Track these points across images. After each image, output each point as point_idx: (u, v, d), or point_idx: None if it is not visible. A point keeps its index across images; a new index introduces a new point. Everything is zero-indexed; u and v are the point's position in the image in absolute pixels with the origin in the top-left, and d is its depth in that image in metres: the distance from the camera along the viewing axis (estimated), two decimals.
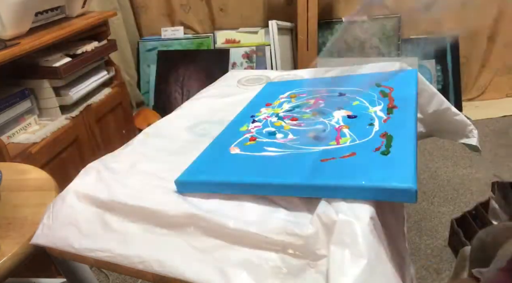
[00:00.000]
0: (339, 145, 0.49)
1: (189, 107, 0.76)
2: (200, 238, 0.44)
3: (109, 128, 1.58)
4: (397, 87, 0.61)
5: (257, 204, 0.46)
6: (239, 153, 0.53)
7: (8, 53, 1.05)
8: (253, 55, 2.22)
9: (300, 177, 0.43)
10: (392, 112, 0.54)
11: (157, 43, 2.31)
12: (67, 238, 0.49)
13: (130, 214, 0.48)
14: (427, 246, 1.35)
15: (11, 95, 1.18)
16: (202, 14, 2.30)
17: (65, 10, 1.45)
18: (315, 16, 1.94)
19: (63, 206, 0.52)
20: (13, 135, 1.19)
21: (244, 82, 0.89)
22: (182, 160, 0.56)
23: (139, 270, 0.44)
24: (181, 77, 2.26)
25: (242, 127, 0.61)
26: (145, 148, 0.62)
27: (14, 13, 1.13)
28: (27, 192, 0.68)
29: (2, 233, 0.58)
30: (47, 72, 1.25)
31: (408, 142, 0.46)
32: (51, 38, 1.21)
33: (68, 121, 1.31)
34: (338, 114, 0.57)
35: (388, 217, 0.44)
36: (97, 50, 1.47)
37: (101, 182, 0.52)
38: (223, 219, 0.42)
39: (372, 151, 0.45)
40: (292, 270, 0.39)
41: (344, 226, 0.37)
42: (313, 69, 0.88)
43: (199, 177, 0.48)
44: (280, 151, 0.51)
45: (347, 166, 0.43)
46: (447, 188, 1.59)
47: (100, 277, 1.33)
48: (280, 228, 0.40)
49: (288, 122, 0.59)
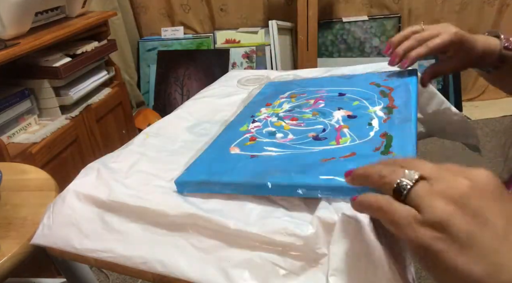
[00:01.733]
0: (339, 145, 0.49)
1: (189, 107, 0.76)
2: (201, 238, 0.44)
3: (109, 128, 1.58)
4: (397, 87, 0.61)
5: (257, 205, 0.46)
6: (239, 153, 0.53)
7: (8, 53, 1.05)
8: (253, 55, 2.22)
9: (299, 177, 0.43)
10: (392, 112, 0.54)
11: (157, 43, 2.31)
12: (67, 238, 0.49)
13: (131, 214, 0.48)
14: None
15: (11, 95, 1.18)
16: (202, 14, 2.30)
17: (65, 10, 1.45)
18: (315, 16, 1.94)
19: (63, 206, 0.52)
20: (13, 135, 1.19)
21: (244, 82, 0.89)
22: (182, 160, 0.56)
23: (140, 270, 0.44)
24: (181, 77, 2.26)
25: (242, 127, 0.61)
26: (145, 148, 0.62)
27: (14, 13, 1.13)
28: (27, 192, 0.68)
29: (2, 233, 0.58)
30: (47, 72, 1.26)
31: (408, 142, 0.46)
32: (51, 38, 1.21)
33: (68, 121, 1.31)
34: (338, 114, 0.57)
35: None
36: (97, 50, 1.47)
37: (101, 182, 0.52)
38: (223, 220, 0.42)
39: (372, 151, 0.45)
40: (294, 270, 0.39)
41: (344, 226, 0.37)
42: (313, 69, 0.88)
43: (199, 178, 0.48)
44: (280, 151, 0.51)
45: (347, 166, 0.43)
46: None
47: (100, 277, 1.33)
48: (281, 229, 0.40)
49: (288, 122, 0.59)
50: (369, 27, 2.21)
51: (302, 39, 2.00)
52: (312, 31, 1.97)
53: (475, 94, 2.31)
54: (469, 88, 2.32)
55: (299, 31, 1.99)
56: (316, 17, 1.95)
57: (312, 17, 1.94)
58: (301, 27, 1.97)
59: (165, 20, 2.34)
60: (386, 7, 2.20)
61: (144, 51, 2.32)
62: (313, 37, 1.99)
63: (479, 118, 2.08)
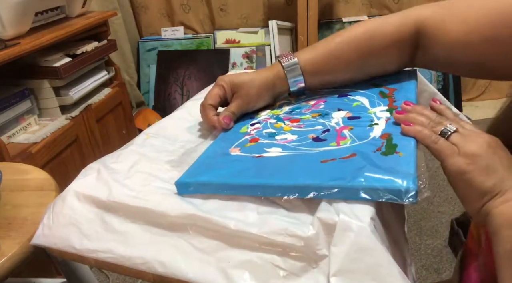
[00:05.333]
0: (339, 146, 0.49)
1: (189, 108, 0.76)
2: (202, 239, 0.44)
3: (109, 128, 1.58)
4: (397, 87, 0.61)
5: (258, 205, 0.46)
6: (239, 154, 0.53)
7: (8, 53, 1.05)
8: (253, 55, 2.22)
9: (300, 178, 0.43)
10: (392, 113, 0.54)
11: (157, 43, 2.31)
12: (67, 239, 0.49)
13: (131, 214, 0.48)
14: (427, 246, 1.35)
15: (11, 95, 1.18)
16: (202, 14, 2.30)
17: (65, 10, 1.45)
18: (315, 16, 1.94)
19: (63, 207, 0.52)
20: (13, 135, 1.19)
21: None
22: (183, 160, 0.56)
23: (140, 270, 0.44)
24: (181, 77, 2.26)
25: (242, 128, 0.61)
26: (146, 148, 0.62)
27: (14, 13, 1.13)
28: (27, 192, 0.68)
29: (2, 233, 0.58)
30: (47, 72, 1.26)
31: (408, 143, 0.46)
32: (51, 38, 1.21)
33: (68, 121, 1.31)
34: (338, 115, 0.57)
35: (388, 217, 0.44)
36: (97, 50, 1.47)
37: (102, 183, 0.52)
38: (224, 220, 0.42)
39: (372, 152, 0.45)
40: (295, 271, 0.39)
41: (345, 227, 0.37)
42: None
43: (200, 179, 0.48)
44: (280, 153, 0.51)
45: (347, 167, 0.43)
46: (447, 188, 1.59)
47: (100, 277, 1.33)
48: (281, 229, 0.40)
49: (288, 124, 0.59)
50: None
51: (302, 39, 2.00)
52: (312, 31, 1.97)
53: (475, 94, 2.31)
54: (469, 88, 2.32)
55: (299, 31, 1.99)
56: (316, 17, 1.95)
57: (312, 17, 1.94)
58: (301, 27, 1.97)
59: (165, 20, 2.34)
60: (386, 7, 2.20)
61: (144, 51, 2.32)
62: (313, 37, 1.99)
63: (479, 118, 2.08)
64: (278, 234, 0.40)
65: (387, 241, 0.39)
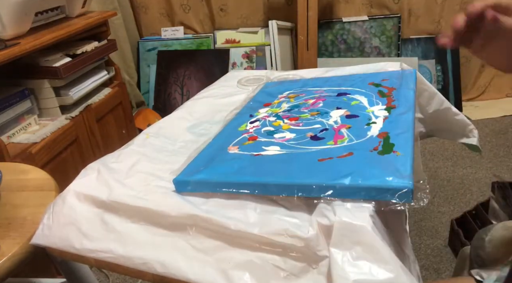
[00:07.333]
0: (336, 145, 0.49)
1: (190, 107, 0.76)
2: (202, 239, 0.44)
3: (109, 128, 1.58)
4: (396, 87, 0.61)
5: (258, 205, 0.46)
6: (237, 152, 0.53)
7: (8, 53, 1.05)
8: (253, 55, 2.22)
9: (297, 177, 0.44)
10: (390, 112, 0.54)
11: (157, 43, 2.31)
12: (67, 239, 0.49)
13: (131, 214, 0.48)
14: (427, 246, 1.35)
15: (11, 95, 1.18)
16: (202, 14, 2.30)
17: (65, 10, 1.45)
18: (315, 16, 1.94)
19: (63, 206, 0.52)
20: (13, 135, 1.19)
21: (244, 82, 0.89)
22: (183, 160, 0.56)
23: (140, 270, 0.44)
24: (181, 77, 2.26)
25: (241, 126, 0.61)
26: (146, 148, 0.62)
27: (14, 13, 1.13)
28: (27, 192, 0.68)
29: (2, 233, 0.58)
30: (47, 72, 1.26)
31: (406, 142, 0.46)
32: (51, 38, 1.21)
33: (68, 121, 1.31)
34: (337, 114, 0.57)
35: (389, 215, 0.44)
36: (97, 50, 1.47)
37: (102, 182, 0.52)
38: (224, 220, 0.42)
39: (370, 151, 0.45)
40: (294, 271, 0.39)
41: (343, 227, 0.37)
42: (313, 69, 0.88)
43: (197, 176, 0.48)
44: (278, 151, 0.51)
45: (344, 166, 0.43)
46: (447, 188, 1.59)
47: (100, 277, 1.33)
48: (281, 230, 0.40)
49: (286, 122, 0.59)
50: (369, 27, 2.21)
51: (302, 39, 2.00)
52: (312, 31, 1.97)
53: (475, 94, 2.31)
54: (469, 88, 2.32)
55: (299, 31, 1.99)
56: (316, 17, 1.95)
57: (312, 17, 1.94)
58: (301, 27, 1.97)
59: (165, 20, 2.34)
60: (386, 7, 2.20)
61: (144, 51, 2.32)
62: (313, 37, 1.99)
63: (479, 118, 2.08)
64: (278, 234, 0.40)
65: (388, 238, 0.39)
